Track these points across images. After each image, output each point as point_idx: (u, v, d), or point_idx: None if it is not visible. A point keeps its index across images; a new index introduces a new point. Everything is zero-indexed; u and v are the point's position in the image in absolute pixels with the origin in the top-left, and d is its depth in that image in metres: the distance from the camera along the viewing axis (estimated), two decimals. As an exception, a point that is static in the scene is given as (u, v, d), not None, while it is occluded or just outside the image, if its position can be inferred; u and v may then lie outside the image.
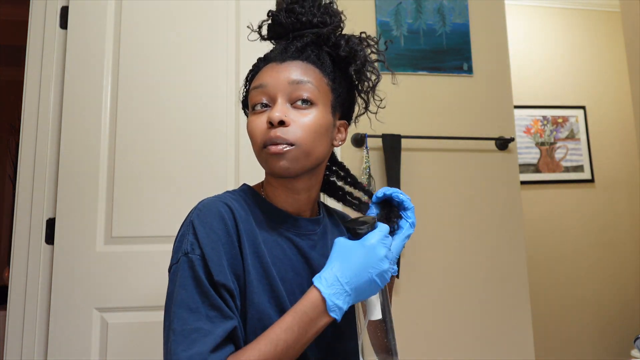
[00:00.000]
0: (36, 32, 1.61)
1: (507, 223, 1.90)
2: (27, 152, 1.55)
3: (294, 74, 0.71)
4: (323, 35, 0.76)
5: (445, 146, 1.90)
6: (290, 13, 0.76)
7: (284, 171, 0.69)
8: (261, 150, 0.70)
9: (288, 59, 0.73)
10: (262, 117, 0.71)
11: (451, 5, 1.99)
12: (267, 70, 0.73)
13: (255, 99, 0.72)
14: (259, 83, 0.72)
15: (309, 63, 0.74)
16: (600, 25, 3.20)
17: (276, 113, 0.68)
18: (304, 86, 0.71)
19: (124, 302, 1.49)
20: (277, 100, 0.70)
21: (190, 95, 1.63)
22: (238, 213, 0.71)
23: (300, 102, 0.70)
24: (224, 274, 0.65)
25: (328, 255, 0.74)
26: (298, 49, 0.74)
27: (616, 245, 2.98)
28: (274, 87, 0.71)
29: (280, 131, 0.68)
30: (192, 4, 1.68)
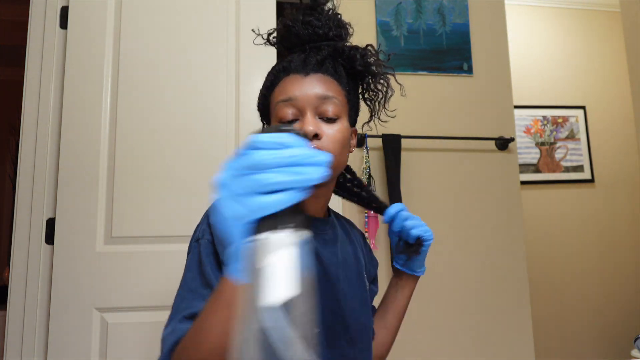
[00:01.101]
0: (36, 32, 1.61)
1: (507, 223, 1.90)
2: (27, 152, 1.55)
3: (320, 88, 0.74)
4: (339, 49, 0.79)
5: (445, 146, 1.90)
6: (307, 25, 0.78)
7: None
8: None
9: (311, 71, 0.76)
10: None
11: (451, 5, 1.99)
12: (292, 82, 0.75)
13: (283, 113, 0.74)
14: (287, 96, 0.74)
15: (329, 76, 0.77)
16: (600, 25, 3.20)
17: (310, 127, 0.71)
18: (330, 101, 0.74)
19: (124, 302, 1.49)
20: (306, 114, 0.73)
21: (190, 95, 1.63)
22: None
23: (328, 117, 0.74)
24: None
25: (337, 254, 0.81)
26: (318, 61, 0.76)
27: (616, 245, 2.98)
28: (303, 100, 0.73)
29: (316, 143, 0.71)
30: (192, 4, 1.68)
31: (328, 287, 0.77)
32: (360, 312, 0.80)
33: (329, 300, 0.77)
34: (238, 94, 1.66)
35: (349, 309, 0.78)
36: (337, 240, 0.83)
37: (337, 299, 0.78)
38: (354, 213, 1.76)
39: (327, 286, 0.77)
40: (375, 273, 0.96)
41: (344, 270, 0.81)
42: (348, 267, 0.82)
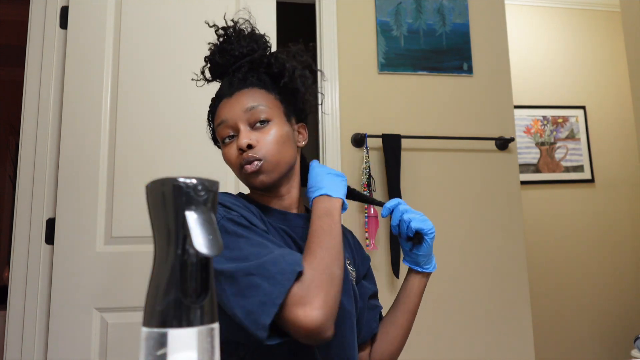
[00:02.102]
0: (36, 32, 1.61)
1: (507, 223, 1.90)
2: (27, 152, 1.55)
3: (245, 102, 0.82)
4: (256, 60, 0.86)
5: (445, 146, 1.90)
6: (223, 52, 0.86)
7: (263, 184, 0.81)
8: (240, 172, 0.81)
9: (235, 91, 0.84)
10: (232, 147, 0.82)
11: (451, 5, 1.99)
12: (223, 107, 0.84)
13: (222, 134, 0.83)
14: (220, 120, 0.83)
15: (254, 87, 0.84)
16: (600, 25, 3.20)
17: (243, 140, 0.79)
18: (256, 110, 0.81)
19: (124, 302, 1.49)
20: (239, 129, 0.81)
21: (190, 95, 1.63)
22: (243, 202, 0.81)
23: (259, 123, 0.81)
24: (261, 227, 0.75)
25: None
26: (240, 79, 0.84)
27: (616, 245, 2.98)
28: (233, 119, 0.81)
29: (251, 152, 0.79)
30: (191, 4, 1.68)
31: None
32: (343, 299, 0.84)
33: None
34: (238, 94, 1.66)
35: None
36: None
37: None
38: (354, 213, 1.76)
39: None
40: (365, 269, 0.99)
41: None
42: None
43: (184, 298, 0.30)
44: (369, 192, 1.73)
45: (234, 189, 1.60)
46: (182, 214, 0.30)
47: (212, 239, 0.30)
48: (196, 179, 0.31)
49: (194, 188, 0.31)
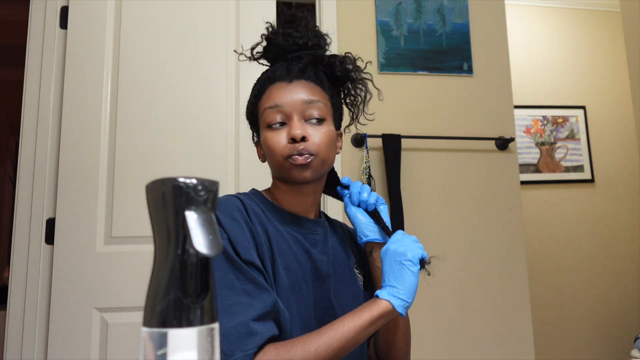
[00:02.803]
0: (36, 32, 1.61)
1: (507, 223, 1.90)
2: (27, 152, 1.55)
3: (305, 93, 0.80)
4: (319, 57, 0.84)
5: (445, 146, 1.90)
6: (287, 36, 0.83)
7: (305, 179, 0.79)
8: (284, 161, 0.78)
9: (294, 78, 0.81)
10: (280, 134, 0.79)
11: (451, 5, 1.99)
12: (278, 90, 0.81)
13: (271, 118, 0.80)
14: (273, 103, 0.80)
15: (312, 82, 0.82)
16: (600, 25, 3.20)
17: (297, 130, 0.77)
18: (315, 105, 0.80)
19: (124, 302, 1.49)
20: (293, 118, 0.79)
21: (190, 95, 1.63)
22: (249, 206, 0.79)
23: (314, 120, 0.80)
24: (249, 254, 0.72)
25: (328, 253, 0.85)
26: (300, 69, 0.82)
27: (616, 245, 2.98)
28: (289, 106, 0.79)
29: (303, 145, 0.77)
30: (191, 4, 1.68)
31: (319, 284, 0.81)
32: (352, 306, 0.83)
33: (321, 296, 0.81)
34: (238, 94, 1.66)
35: (340, 304, 0.83)
36: (327, 239, 0.87)
37: (328, 295, 0.82)
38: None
39: (318, 283, 0.81)
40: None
41: (334, 267, 0.85)
42: (339, 264, 0.86)
43: (184, 298, 0.30)
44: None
45: (234, 189, 1.60)
46: (182, 214, 0.30)
47: (212, 239, 0.30)
48: (196, 179, 0.31)
49: (194, 188, 0.31)
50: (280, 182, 0.85)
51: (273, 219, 0.82)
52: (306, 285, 0.79)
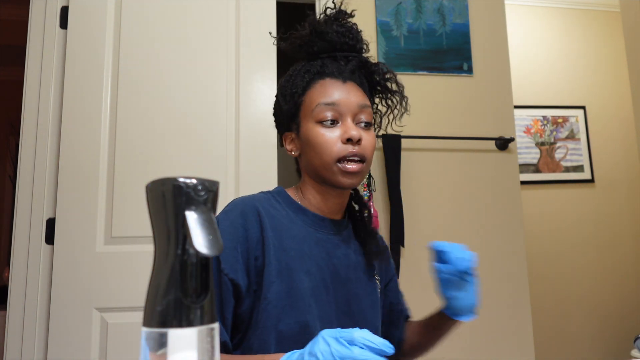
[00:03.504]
0: (36, 32, 1.61)
1: (507, 223, 1.90)
2: (27, 152, 1.55)
3: (358, 97, 0.79)
4: (364, 61, 0.84)
5: (445, 146, 1.90)
6: (341, 35, 0.82)
7: (352, 186, 0.78)
8: (334, 164, 0.76)
9: (347, 79, 0.80)
10: (333, 132, 0.77)
11: (451, 5, 1.99)
12: (332, 87, 0.79)
13: (324, 114, 0.77)
14: (330, 100, 0.78)
15: (358, 86, 0.82)
16: (600, 25, 3.20)
17: (355, 131, 0.76)
18: (366, 110, 0.80)
19: (124, 302, 1.49)
20: (346, 119, 0.78)
21: (190, 95, 1.63)
22: (264, 210, 0.77)
23: (364, 124, 0.79)
24: (233, 269, 0.71)
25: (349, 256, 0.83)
26: (350, 71, 0.81)
27: (616, 245, 2.98)
28: (345, 106, 0.78)
29: (358, 147, 0.76)
30: (191, 4, 1.68)
31: (339, 288, 0.79)
32: (369, 312, 0.82)
33: (340, 300, 0.79)
34: (238, 94, 1.66)
35: (358, 310, 0.81)
36: (350, 241, 0.85)
37: (347, 299, 0.80)
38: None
39: (338, 287, 0.79)
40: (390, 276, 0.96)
41: (355, 271, 0.82)
42: (360, 269, 0.84)
43: (184, 298, 0.30)
44: (369, 192, 1.73)
45: (234, 189, 1.60)
46: (182, 214, 0.30)
47: (212, 239, 0.30)
48: (196, 179, 0.31)
49: (194, 188, 0.31)
50: (313, 182, 0.82)
51: (294, 218, 0.80)
52: (326, 289, 0.77)
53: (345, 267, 0.81)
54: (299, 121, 0.81)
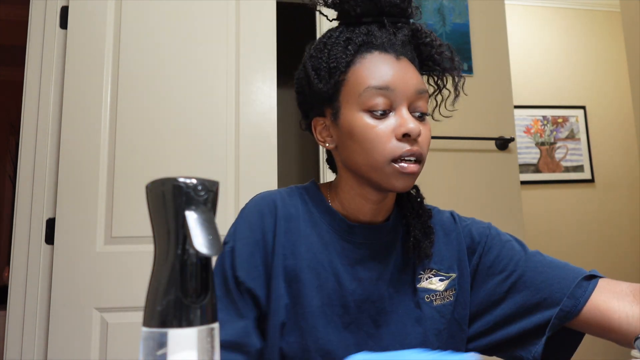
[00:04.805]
0: (36, 32, 1.61)
1: (507, 223, 1.90)
2: (27, 152, 1.55)
3: (416, 79, 0.63)
4: (417, 30, 0.67)
5: (445, 146, 1.90)
6: None
7: (406, 189, 0.63)
8: (387, 164, 0.61)
9: (401, 55, 0.64)
10: (385, 124, 0.61)
11: (451, 5, 1.99)
12: (384, 65, 0.62)
13: (375, 101, 0.61)
14: (384, 83, 0.61)
15: (414, 64, 0.66)
16: (600, 25, 3.20)
17: (411, 124, 0.60)
18: (424, 96, 0.64)
19: (124, 302, 1.48)
20: (401, 108, 0.62)
21: (190, 95, 1.63)
22: (285, 211, 0.67)
23: (419, 114, 0.64)
24: (247, 273, 0.63)
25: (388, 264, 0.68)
26: (402, 43, 0.65)
27: (616, 245, 2.98)
28: (401, 92, 0.62)
29: (418, 145, 0.62)
30: (192, 4, 1.68)
31: (365, 307, 0.66)
32: (409, 335, 0.66)
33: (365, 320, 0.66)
34: (238, 94, 1.66)
35: (389, 332, 0.66)
36: (393, 248, 0.70)
37: (375, 320, 0.66)
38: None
39: (364, 305, 0.66)
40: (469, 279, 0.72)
41: (394, 285, 0.68)
42: (403, 281, 0.69)
43: (184, 298, 0.30)
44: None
45: (234, 189, 1.59)
46: (182, 214, 0.30)
47: (212, 239, 0.30)
48: (196, 179, 0.31)
49: (194, 188, 0.31)
50: (353, 181, 0.67)
51: (320, 223, 0.68)
52: (344, 308, 0.65)
53: (377, 282, 0.67)
54: (338, 106, 0.65)
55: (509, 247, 0.72)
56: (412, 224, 0.71)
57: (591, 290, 0.63)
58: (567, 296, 0.63)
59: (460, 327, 0.70)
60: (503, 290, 0.69)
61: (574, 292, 0.63)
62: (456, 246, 0.73)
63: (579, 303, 0.63)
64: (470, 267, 0.72)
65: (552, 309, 0.64)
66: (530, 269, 0.68)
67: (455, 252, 0.73)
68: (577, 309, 0.63)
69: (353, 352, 0.61)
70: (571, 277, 0.65)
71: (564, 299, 0.63)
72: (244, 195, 1.58)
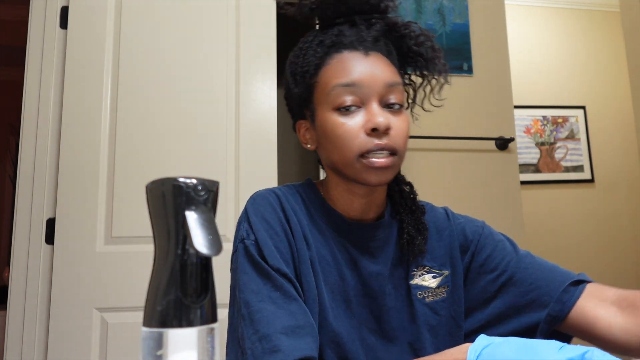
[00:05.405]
0: (36, 32, 1.61)
1: (507, 223, 1.90)
2: (27, 152, 1.55)
3: (385, 72, 0.64)
4: (391, 24, 0.68)
5: (445, 146, 1.90)
6: None
7: (381, 183, 0.64)
8: (357, 159, 0.62)
9: (370, 51, 0.65)
10: (354, 120, 0.63)
11: (451, 5, 1.99)
12: (351, 62, 0.64)
13: (343, 99, 0.63)
14: (350, 80, 0.63)
15: (387, 58, 0.66)
16: (600, 25, 3.20)
17: (381, 118, 0.61)
18: (396, 89, 0.65)
19: (124, 302, 1.49)
20: (371, 103, 0.63)
21: (190, 95, 1.63)
22: (288, 205, 0.68)
23: (393, 106, 0.64)
24: (277, 260, 0.62)
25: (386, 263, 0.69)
26: (374, 39, 0.66)
27: (616, 245, 2.98)
28: (369, 87, 0.63)
29: (386, 139, 0.62)
30: (192, 4, 1.68)
31: (365, 302, 0.67)
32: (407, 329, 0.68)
33: (365, 316, 0.67)
34: (238, 94, 1.66)
35: (390, 327, 0.68)
36: (389, 245, 0.71)
37: (376, 315, 0.68)
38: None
39: (366, 301, 0.67)
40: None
41: (391, 280, 0.69)
42: (399, 277, 0.70)
43: (184, 298, 0.30)
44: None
45: (234, 189, 1.59)
46: (182, 214, 0.30)
47: (212, 239, 0.30)
48: (196, 179, 0.31)
49: (194, 188, 0.31)
50: (338, 178, 0.69)
51: (319, 218, 0.69)
52: (346, 302, 0.66)
53: (376, 278, 0.68)
54: (313, 107, 0.67)
55: (502, 246, 0.73)
56: (406, 220, 0.72)
57: (577, 295, 0.64)
58: (554, 300, 0.65)
59: (457, 323, 0.71)
60: (494, 288, 0.70)
61: (561, 297, 0.65)
62: (449, 243, 0.74)
63: (565, 308, 0.64)
64: (463, 265, 0.73)
65: (540, 312, 0.66)
66: (521, 269, 0.69)
67: (448, 249, 0.74)
68: (563, 314, 0.64)
69: (356, 348, 0.64)
70: (559, 280, 0.66)
71: (551, 303, 0.65)
72: (244, 195, 1.58)
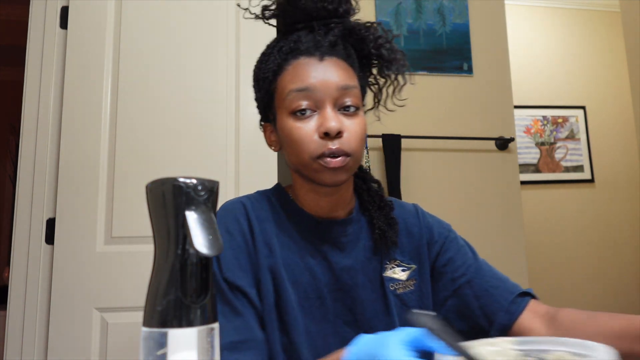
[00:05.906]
0: (36, 32, 1.61)
1: (507, 223, 1.90)
2: (27, 152, 1.55)
3: (339, 76, 0.66)
4: (349, 27, 0.69)
5: (445, 146, 1.90)
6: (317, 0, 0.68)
7: (336, 183, 0.67)
8: (313, 161, 0.65)
9: (325, 55, 0.67)
10: (309, 124, 0.65)
11: (451, 5, 1.99)
12: (305, 68, 0.66)
13: (297, 103, 0.65)
14: (303, 85, 0.65)
15: (344, 61, 0.69)
16: (600, 25, 3.20)
17: (333, 122, 0.64)
18: (351, 92, 0.67)
19: (124, 302, 1.48)
20: (325, 107, 0.65)
21: (190, 95, 1.63)
22: (254, 214, 0.71)
23: (348, 109, 0.67)
24: (232, 272, 0.65)
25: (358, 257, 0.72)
26: (331, 44, 0.68)
27: (616, 245, 2.98)
28: (322, 91, 0.65)
29: (340, 142, 0.64)
30: (192, 4, 1.68)
31: (339, 296, 0.71)
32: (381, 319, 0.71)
33: (340, 310, 0.71)
34: (238, 94, 1.66)
35: (366, 318, 0.71)
36: (359, 240, 0.74)
37: (350, 308, 0.71)
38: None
39: (338, 295, 0.71)
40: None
41: (363, 274, 0.72)
42: (371, 270, 0.73)
43: (184, 298, 0.30)
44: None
45: (234, 189, 1.60)
46: (182, 214, 0.30)
47: (212, 239, 0.30)
48: (196, 179, 0.31)
49: (194, 188, 0.31)
50: (302, 180, 0.72)
51: (288, 222, 0.72)
52: (320, 299, 0.69)
53: (349, 271, 0.71)
54: (274, 112, 0.70)
55: (463, 252, 0.79)
56: (375, 216, 0.75)
57: (522, 308, 0.71)
58: (503, 310, 0.71)
59: None
60: (453, 287, 0.75)
61: (509, 308, 0.71)
62: (418, 239, 0.78)
63: (512, 318, 0.70)
64: (429, 261, 0.77)
65: (490, 318, 0.72)
66: (478, 276, 0.75)
67: (417, 244, 0.77)
68: (510, 323, 0.70)
69: (332, 342, 0.67)
70: (510, 291, 0.73)
71: (500, 313, 0.71)
72: (244, 195, 1.58)
